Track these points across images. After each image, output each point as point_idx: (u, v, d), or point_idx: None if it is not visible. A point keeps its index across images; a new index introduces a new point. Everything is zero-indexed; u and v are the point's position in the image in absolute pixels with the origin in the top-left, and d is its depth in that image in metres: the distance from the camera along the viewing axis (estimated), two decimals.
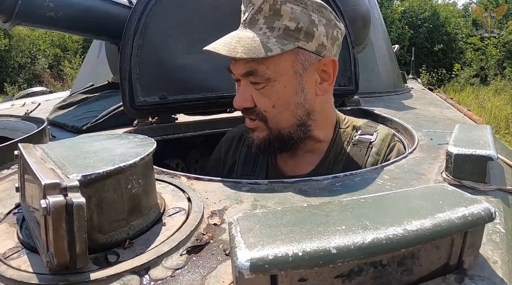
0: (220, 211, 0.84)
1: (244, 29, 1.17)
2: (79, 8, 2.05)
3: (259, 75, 1.16)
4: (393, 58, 3.52)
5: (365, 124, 1.40)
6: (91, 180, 0.64)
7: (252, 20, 1.16)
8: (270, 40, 1.13)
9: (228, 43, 1.14)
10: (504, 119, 10.34)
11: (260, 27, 1.15)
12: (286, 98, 1.20)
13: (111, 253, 0.67)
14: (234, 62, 1.20)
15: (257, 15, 1.15)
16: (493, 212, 0.60)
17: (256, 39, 1.13)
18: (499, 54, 19.74)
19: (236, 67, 1.20)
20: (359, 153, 1.32)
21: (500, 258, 0.67)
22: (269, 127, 1.24)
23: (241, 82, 1.22)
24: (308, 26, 1.15)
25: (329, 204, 0.62)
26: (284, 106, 1.21)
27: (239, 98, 1.22)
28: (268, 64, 1.15)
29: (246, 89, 1.21)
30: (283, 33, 1.14)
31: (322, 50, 1.20)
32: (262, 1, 1.13)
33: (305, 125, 1.27)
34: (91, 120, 1.81)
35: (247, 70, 1.17)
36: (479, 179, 0.94)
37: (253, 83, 1.19)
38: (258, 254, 0.49)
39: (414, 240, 0.53)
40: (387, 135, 1.34)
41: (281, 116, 1.22)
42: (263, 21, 1.15)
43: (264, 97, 1.20)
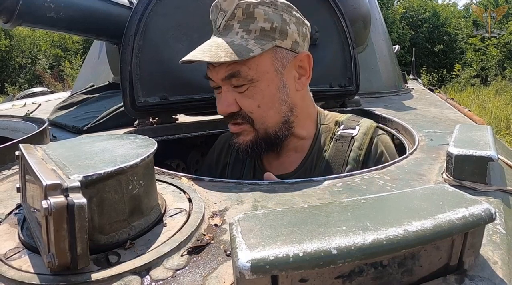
0: (221, 211, 0.84)
1: (220, 36, 1.21)
2: (80, 9, 2.04)
3: (242, 76, 1.19)
4: (393, 58, 3.52)
5: (348, 118, 1.41)
6: (92, 181, 0.64)
7: (227, 26, 1.20)
8: (249, 42, 1.16)
9: (207, 49, 1.17)
10: (505, 120, 10.34)
11: (237, 31, 1.18)
12: (270, 96, 1.23)
13: (112, 253, 0.67)
14: (213, 68, 1.22)
15: (231, 20, 1.19)
16: (494, 213, 0.60)
17: (235, 43, 1.16)
18: (500, 54, 19.74)
19: (216, 73, 1.22)
20: (341, 148, 1.33)
21: (500, 259, 0.67)
22: (256, 128, 1.27)
23: (223, 88, 1.24)
24: (281, 25, 1.20)
25: (330, 205, 0.62)
26: (269, 105, 1.24)
27: (222, 104, 1.24)
28: (249, 65, 1.18)
29: (229, 94, 1.23)
30: (260, 34, 1.18)
31: (296, 47, 1.25)
32: (235, 7, 1.17)
33: (289, 122, 1.30)
34: (91, 120, 1.81)
35: (229, 73, 1.19)
36: (480, 179, 0.94)
37: (236, 86, 1.21)
38: (259, 254, 0.49)
39: (415, 240, 0.53)
40: (369, 128, 1.35)
41: (267, 115, 1.25)
42: (238, 25, 1.18)
43: (248, 99, 1.22)
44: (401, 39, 19.08)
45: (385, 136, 1.39)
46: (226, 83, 1.22)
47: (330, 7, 1.81)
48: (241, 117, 1.25)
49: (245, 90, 1.21)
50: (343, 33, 1.85)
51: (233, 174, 1.49)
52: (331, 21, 1.82)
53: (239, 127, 1.27)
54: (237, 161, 1.51)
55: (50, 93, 4.60)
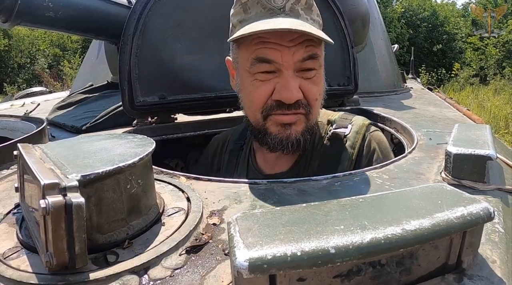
0: (219, 211, 0.84)
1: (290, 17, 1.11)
2: (79, 8, 2.04)
3: (318, 60, 1.17)
4: (392, 58, 3.52)
5: (340, 117, 1.39)
6: (90, 180, 0.64)
7: (293, 9, 1.12)
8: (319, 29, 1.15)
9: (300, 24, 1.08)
10: (504, 119, 10.35)
11: (306, 18, 1.13)
12: (323, 85, 1.24)
13: (110, 253, 0.67)
14: (284, 49, 1.12)
15: (296, 5, 1.12)
16: (492, 212, 0.60)
17: (313, 27, 1.12)
18: (499, 53, 19.77)
19: (292, 53, 1.12)
20: (333, 147, 1.32)
21: (499, 258, 0.67)
22: (309, 118, 1.22)
23: (287, 73, 1.14)
24: (321, 24, 1.20)
25: (328, 204, 0.62)
26: (322, 93, 1.24)
27: (291, 90, 1.14)
28: (321, 50, 1.18)
29: (295, 81, 1.15)
30: (318, 26, 1.17)
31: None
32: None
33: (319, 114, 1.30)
34: (90, 120, 1.81)
35: (310, 53, 1.14)
36: (478, 178, 0.94)
37: (305, 71, 1.16)
38: (257, 253, 0.49)
39: (413, 240, 0.53)
40: (361, 126, 1.33)
41: (319, 104, 1.25)
42: (303, 12, 1.13)
43: (315, 86, 1.19)
44: (399, 39, 19.11)
45: (378, 132, 1.37)
46: (294, 66, 1.14)
47: (329, 7, 1.81)
48: (302, 105, 1.18)
49: (313, 76, 1.17)
50: (342, 32, 1.85)
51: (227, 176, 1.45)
52: (330, 20, 1.82)
53: (296, 116, 1.20)
54: (229, 164, 1.50)
55: (49, 93, 4.60)
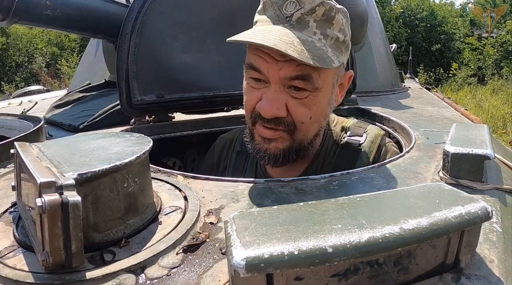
0: (216, 209, 0.84)
1: (292, 29, 1.04)
2: (76, 7, 2.04)
3: (311, 82, 1.06)
4: (390, 57, 3.52)
5: (354, 124, 1.36)
6: (87, 179, 0.64)
7: (302, 20, 1.04)
8: (328, 50, 1.05)
9: (289, 42, 1.00)
10: (502, 119, 10.37)
11: (314, 31, 1.04)
12: (322, 109, 1.15)
13: (107, 252, 0.67)
14: (273, 62, 1.05)
15: (308, 16, 1.04)
16: (490, 211, 0.60)
17: (317, 45, 1.03)
18: (497, 53, 19.80)
19: (279, 68, 1.06)
20: (348, 156, 1.28)
21: (496, 257, 0.67)
22: (294, 138, 1.14)
23: (273, 86, 1.08)
24: (348, 40, 1.11)
25: (325, 203, 0.62)
26: (318, 118, 1.15)
27: (271, 105, 1.07)
28: (320, 72, 1.07)
29: (280, 96, 1.08)
30: (334, 43, 1.07)
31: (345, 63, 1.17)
32: (318, 4, 1.03)
33: (319, 134, 1.24)
34: (88, 118, 1.81)
35: (299, 74, 1.05)
36: (476, 178, 0.94)
37: (294, 89, 1.08)
38: (254, 253, 0.48)
39: (411, 239, 0.53)
40: (376, 136, 1.31)
41: (312, 127, 1.16)
42: (314, 25, 1.04)
43: (304, 108, 1.10)
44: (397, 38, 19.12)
45: (392, 144, 1.35)
46: (282, 82, 1.07)
47: None
48: (284, 124, 1.11)
49: (304, 97, 1.08)
50: None
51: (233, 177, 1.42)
52: None
53: (277, 133, 1.13)
54: (237, 165, 1.47)
55: (46, 92, 4.59)
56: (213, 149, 1.59)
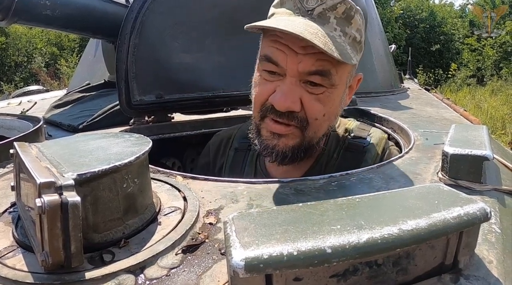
0: (215, 210, 0.84)
1: (315, 22, 1.03)
2: (76, 7, 2.04)
3: (329, 78, 1.06)
4: (390, 58, 3.52)
5: (358, 127, 1.36)
6: (87, 179, 0.64)
7: (323, 15, 1.03)
8: (346, 47, 1.04)
9: (314, 33, 0.99)
10: (501, 120, 10.38)
11: (334, 28, 1.04)
12: (335, 107, 1.15)
13: (106, 252, 0.67)
14: (292, 55, 1.04)
15: (329, 12, 1.03)
16: (489, 212, 0.60)
17: (338, 40, 1.03)
18: (496, 54, 19.83)
19: (298, 61, 1.05)
20: (352, 158, 1.28)
21: (495, 258, 0.67)
22: (305, 135, 1.13)
23: (289, 80, 1.07)
24: (363, 41, 1.11)
25: (325, 203, 0.62)
26: (331, 116, 1.15)
27: (286, 98, 1.06)
28: (338, 69, 1.07)
29: (296, 90, 1.07)
30: (352, 42, 1.07)
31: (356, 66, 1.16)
32: (340, 1, 1.02)
33: (326, 134, 1.24)
34: (87, 119, 1.81)
35: (319, 69, 1.05)
36: (475, 179, 0.94)
37: (311, 84, 1.07)
38: (253, 253, 0.49)
39: (409, 239, 0.53)
40: (381, 139, 1.32)
41: (323, 125, 1.15)
42: (335, 21, 1.04)
43: (319, 104, 1.09)
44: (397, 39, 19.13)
45: (394, 148, 1.35)
46: (300, 76, 1.06)
47: None
48: (297, 119, 1.10)
49: (320, 93, 1.08)
50: None
51: (231, 175, 1.39)
52: None
53: (288, 128, 1.12)
54: (235, 162, 1.45)
55: (45, 92, 4.58)
56: (208, 147, 1.57)
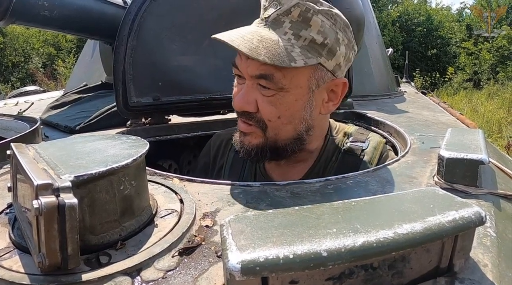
0: (212, 213, 0.84)
1: (265, 28, 1.08)
2: (74, 8, 2.04)
3: (274, 82, 1.08)
4: (386, 61, 3.54)
5: (357, 131, 1.38)
6: (84, 181, 0.64)
7: (277, 20, 1.07)
8: (295, 50, 1.06)
9: (248, 39, 1.05)
10: (497, 123, 10.40)
11: (285, 31, 1.07)
12: (294, 111, 1.15)
13: (103, 254, 0.67)
14: (245, 59, 1.10)
15: (284, 17, 1.07)
16: (484, 216, 0.60)
17: (280, 44, 1.05)
18: (493, 58, 19.86)
19: (246, 65, 1.10)
20: (350, 161, 1.29)
21: (490, 262, 0.67)
22: (267, 136, 1.17)
23: (247, 83, 1.13)
24: (332, 44, 1.10)
25: (321, 207, 0.63)
26: (289, 119, 1.16)
27: (241, 99, 1.13)
28: (285, 73, 1.08)
29: (252, 92, 1.13)
30: (308, 44, 1.08)
31: (337, 70, 1.16)
32: (294, 4, 1.05)
33: (302, 139, 1.22)
34: (84, 120, 1.81)
35: (262, 73, 1.08)
36: (471, 182, 0.95)
37: (262, 87, 1.11)
38: (249, 256, 0.49)
39: (405, 243, 0.53)
40: (379, 143, 1.32)
41: (283, 128, 1.16)
42: (289, 25, 1.07)
43: (271, 106, 1.12)
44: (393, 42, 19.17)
45: (392, 152, 1.36)
46: (253, 79, 1.11)
47: None
48: (255, 120, 1.15)
49: (271, 95, 1.11)
50: None
51: (230, 176, 1.43)
52: None
53: (250, 127, 1.17)
54: (235, 163, 1.46)
55: (42, 92, 4.58)
56: (208, 146, 1.57)
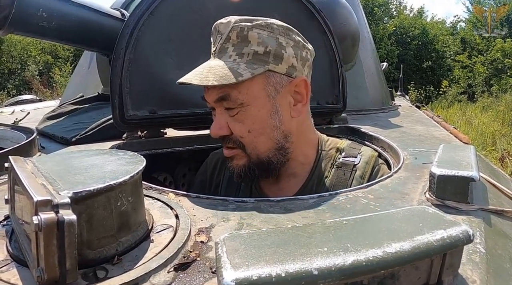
0: (207, 228, 0.85)
1: (215, 59, 1.19)
2: (72, 19, 2.05)
3: (232, 100, 1.17)
4: (381, 76, 3.56)
5: (349, 146, 1.40)
6: (82, 197, 0.65)
7: (222, 49, 1.18)
8: (240, 66, 1.14)
9: (199, 72, 1.16)
10: (491, 136, 10.44)
11: (230, 55, 1.17)
12: (261, 121, 1.21)
13: (100, 268, 0.68)
14: (207, 90, 1.21)
15: (226, 43, 1.18)
16: (471, 235, 0.62)
17: (226, 66, 1.14)
18: (487, 71, 19.98)
19: (209, 95, 1.21)
20: (343, 176, 1.31)
21: (479, 278, 0.69)
22: (248, 153, 1.24)
23: (216, 111, 1.22)
24: (276, 49, 1.17)
25: (313, 226, 0.64)
26: (259, 130, 1.21)
27: (214, 126, 1.22)
28: (240, 89, 1.16)
29: (221, 117, 1.21)
30: (252, 57, 1.16)
31: (293, 71, 1.21)
32: (229, 30, 1.16)
33: (284, 148, 1.27)
34: (80, 131, 1.82)
35: (220, 96, 1.18)
36: (462, 199, 0.96)
37: (227, 109, 1.20)
38: (243, 274, 0.50)
39: (393, 262, 0.55)
40: (371, 158, 1.35)
41: (258, 140, 1.22)
42: (232, 48, 1.17)
43: (238, 123, 1.20)
44: (389, 56, 19.27)
45: (385, 166, 1.38)
46: (218, 105, 1.21)
47: (319, 26, 1.84)
48: (232, 141, 1.23)
49: (235, 114, 1.19)
50: (331, 51, 1.87)
51: (227, 195, 1.46)
52: (320, 39, 1.84)
53: (232, 151, 1.26)
54: (231, 182, 1.49)
55: (39, 101, 4.59)
56: (205, 165, 1.61)
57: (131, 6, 3.01)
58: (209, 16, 1.64)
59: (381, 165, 1.36)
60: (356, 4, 3.33)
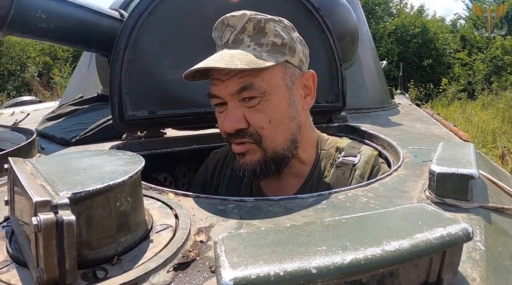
0: (206, 228, 0.85)
1: (229, 49, 1.17)
2: (71, 20, 2.05)
3: (255, 88, 1.15)
4: (380, 74, 3.55)
5: (349, 145, 1.40)
6: (81, 198, 0.65)
7: (236, 40, 1.18)
8: (262, 54, 1.14)
9: (220, 59, 1.12)
10: (491, 133, 10.42)
11: (248, 45, 1.16)
12: (282, 111, 1.20)
13: (99, 269, 0.68)
14: (220, 83, 1.17)
15: (241, 34, 1.17)
16: (471, 232, 0.62)
17: (248, 54, 1.13)
18: (486, 69, 19.96)
19: (225, 87, 1.16)
20: (342, 176, 1.32)
21: (479, 276, 0.69)
22: (263, 147, 1.21)
23: (230, 104, 1.18)
24: (290, 42, 1.20)
25: (311, 225, 0.64)
26: (280, 120, 1.20)
27: (231, 119, 1.17)
28: (263, 77, 1.15)
29: (238, 110, 1.18)
30: (272, 47, 1.17)
31: (302, 65, 1.25)
32: (246, 21, 1.16)
33: (296, 140, 1.27)
34: (80, 132, 1.82)
35: (242, 85, 1.14)
36: (461, 197, 0.96)
37: (247, 100, 1.16)
38: (242, 273, 0.50)
39: (392, 260, 0.55)
40: (370, 157, 1.35)
41: (277, 131, 1.21)
42: (248, 39, 1.17)
43: (259, 113, 1.18)
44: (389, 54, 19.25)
45: (385, 165, 1.38)
46: (234, 97, 1.17)
47: (318, 25, 1.84)
48: (248, 135, 1.19)
49: (256, 104, 1.17)
50: (330, 49, 1.87)
51: (227, 194, 1.45)
52: (319, 38, 1.84)
53: (244, 146, 1.21)
54: (231, 182, 1.49)
55: (38, 102, 4.59)
56: (206, 164, 1.61)
57: (130, 7, 3.01)
58: (207, 16, 1.64)
59: (381, 164, 1.36)
60: (355, 2, 3.33)
